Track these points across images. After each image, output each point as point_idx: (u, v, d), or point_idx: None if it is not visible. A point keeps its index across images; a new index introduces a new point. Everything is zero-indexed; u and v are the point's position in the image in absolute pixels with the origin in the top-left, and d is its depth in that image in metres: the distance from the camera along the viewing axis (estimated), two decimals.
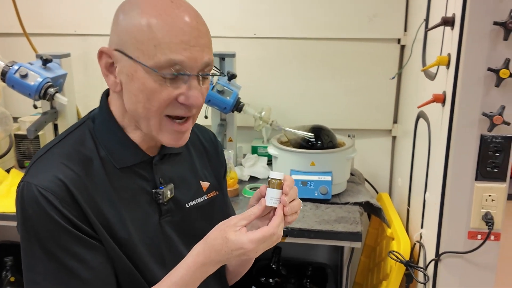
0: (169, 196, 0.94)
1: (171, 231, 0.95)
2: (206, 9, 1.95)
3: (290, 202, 0.88)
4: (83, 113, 1.58)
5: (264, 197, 0.88)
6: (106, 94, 0.93)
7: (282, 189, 0.87)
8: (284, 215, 0.87)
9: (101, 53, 0.85)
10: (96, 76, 2.05)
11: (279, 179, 0.87)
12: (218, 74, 0.92)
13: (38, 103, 1.75)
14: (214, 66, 0.90)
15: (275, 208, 0.88)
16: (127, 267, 0.88)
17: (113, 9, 0.88)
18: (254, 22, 1.98)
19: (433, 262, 1.30)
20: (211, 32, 0.87)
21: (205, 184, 1.04)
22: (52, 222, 0.80)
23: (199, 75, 0.84)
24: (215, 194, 1.06)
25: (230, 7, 1.97)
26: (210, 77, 0.88)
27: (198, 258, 0.86)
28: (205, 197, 1.03)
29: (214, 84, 1.71)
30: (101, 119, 0.91)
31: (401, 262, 1.44)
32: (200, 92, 0.85)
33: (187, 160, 1.03)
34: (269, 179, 0.88)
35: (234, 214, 1.16)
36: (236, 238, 0.82)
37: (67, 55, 1.81)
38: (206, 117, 1.82)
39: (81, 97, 1.97)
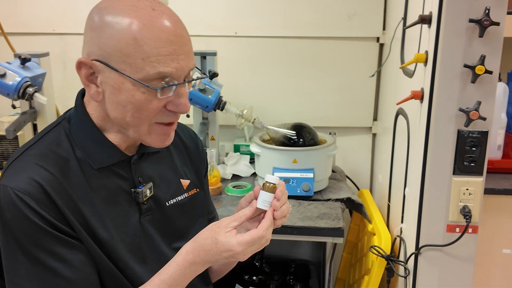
0: (148, 195, 0.94)
1: (152, 230, 0.95)
2: (187, 7, 1.96)
3: (280, 207, 0.89)
4: (62, 113, 1.56)
5: (256, 199, 0.89)
6: (82, 94, 0.93)
7: (274, 193, 0.88)
8: (274, 218, 0.88)
9: (80, 64, 0.83)
10: (75, 76, 2.01)
11: (274, 183, 0.89)
12: (203, 77, 0.93)
13: (17, 103, 1.72)
14: (196, 67, 0.91)
15: (265, 211, 0.89)
16: (108, 267, 0.87)
17: (92, 8, 0.86)
18: (235, 21, 1.98)
19: (413, 256, 1.33)
20: (192, 31, 0.87)
21: (185, 182, 1.04)
22: (31, 224, 0.80)
23: (186, 82, 0.84)
24: (195, 191, 1.06)
25: (212, 6, 1.97)
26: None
27: (187, 257, 0.86)
28: (186, 194, 1.03)
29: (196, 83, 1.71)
30: (77, 120, 0.90)
31: (382, 256, 1.47)
32: (187, 98, 0.86)
33: (167, 158, 1.03)
34: (264, 182, 0.89)
35: (214, 210, 1.17)
36: (226, 240, 0.83)
37: (46, 54, 1.78)
38: (188, 115, 1.82)
39: (60, 97, 1.95)
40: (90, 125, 0.89)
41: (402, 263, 1.40)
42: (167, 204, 0.99)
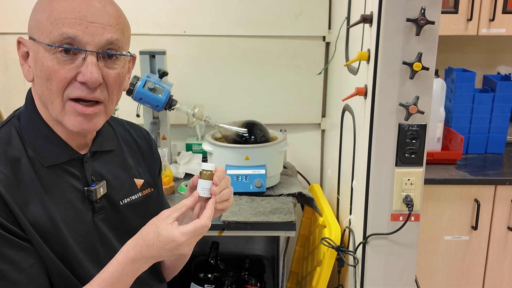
0: (101, 193, 0.94)
1: (105, 229, 0.95)
2: (134, 6, 1.94)
3: (221, 191, 0.91)
4: (6, 114, 1.50)
5: (197, 188, 0.91)
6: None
7: (212, 180, 0.90)
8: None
9: (18, 43, 0.87)
10: (17, 76, 1.95)
11: (210, 170, 0.91)
12: (123, 54, 0.87)
13: None
14: (129, 53, 0.90)
15: (207, 198, 0.90)
16: (59, 267, 0.86)
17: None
18: (183, 19, 1.98)
19: (361, 245, 1.39)
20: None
21: (139, 182, 1.04)
22: None
23: (98, 52, 0.83)
24: (150, 191, 1.06)
25: (159, 4, 1.96)
26: (122, 60, 0.88)
27: (129, 254, 0.85)
28: (140, 194, 1.03)
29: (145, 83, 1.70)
30: (27, 117, 0.89)
31: (332, 247, 1.52)
32: (99, 70, 0.83)
33: (120, 158, 1.02)
34: (201, 170, 0.91)
35: None
36: (168, 232, 0.83)
37: None
38: (138, 115, 1.80)
39: (1, 98, 1.88)
40: (41, 122, 0.88)
41: (351, 253, 1.45)
42: (121, 203, 0.99)
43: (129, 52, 0.91)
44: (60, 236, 0.86)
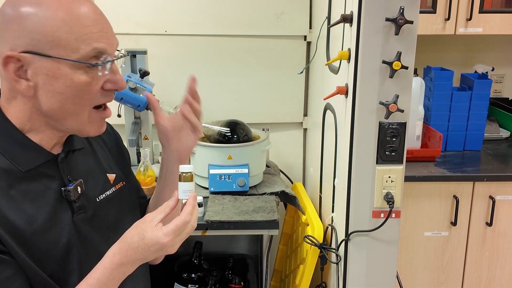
0: (79, 192, 0.93)
1: (86, 228, 0.94)
2: (114, 5, 1.92)
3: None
4: None
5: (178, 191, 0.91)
6: None
7: (193, 181, 0.90)
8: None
9: (7, 59, 0.79)
10: None
11: (190, 172, 0.90)
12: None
13: None
14: (117, 50, 0.93)
15: None
16: (39, 274, 0.85)
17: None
18: (164, 19, 1.97)
19: (343, 242, 1.40)
20: (120, 29, 0.90)
21: (111, 176, 1.05)
22: None
23: (116, 58, 0.87)
24: (122, 184, 1.07)
25: (140, 3, 1.94)
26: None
27: (115, 258, 0.85)
28: (113, 188, 1.04)
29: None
30: None
31: (315, 245, 1.53)
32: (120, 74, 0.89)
33: (91, 155, 1.03)
34: (180, 173, 0.90)
35: (146, 197, 1.19)
36: (152, 234, 0.83)
37: None
38: (119, 115, 1.79)
39: None
40: (11, 127, 0.86)
41: (334, 250, 1.47)
42: (98, 200, 0.99)
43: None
44: (40, 241, 0.85)
